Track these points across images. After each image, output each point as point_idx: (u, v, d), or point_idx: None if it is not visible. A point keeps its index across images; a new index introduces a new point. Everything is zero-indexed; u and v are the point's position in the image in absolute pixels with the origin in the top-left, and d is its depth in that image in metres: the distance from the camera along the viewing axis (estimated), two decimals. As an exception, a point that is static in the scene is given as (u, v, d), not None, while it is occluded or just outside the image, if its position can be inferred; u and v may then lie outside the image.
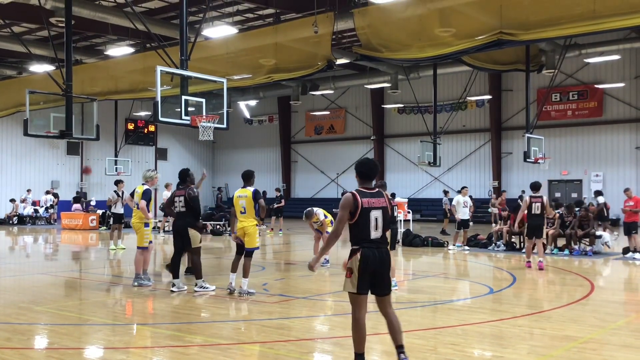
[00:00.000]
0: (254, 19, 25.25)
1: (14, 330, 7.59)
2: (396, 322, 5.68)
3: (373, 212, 5.58)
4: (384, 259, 5.60)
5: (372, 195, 5.65)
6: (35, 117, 16.98)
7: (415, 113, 35.19)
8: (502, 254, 17.15)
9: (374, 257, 5.54)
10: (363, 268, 5.51)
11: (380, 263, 5.57)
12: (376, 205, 5.62)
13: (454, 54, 18.12)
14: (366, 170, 5.77)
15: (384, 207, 5.66)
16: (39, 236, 25.56)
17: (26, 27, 25.74)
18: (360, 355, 5.59)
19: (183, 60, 12.75)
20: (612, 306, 9.05)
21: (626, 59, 30.11)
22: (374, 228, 5.58)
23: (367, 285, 5.57)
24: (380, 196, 5.68)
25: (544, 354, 6.57)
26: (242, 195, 9.85)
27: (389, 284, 5.70)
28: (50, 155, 37.96)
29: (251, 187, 9.92)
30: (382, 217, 5.62)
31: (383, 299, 5.68)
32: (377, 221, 5.59)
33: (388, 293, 5.69)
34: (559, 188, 33.03)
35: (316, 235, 14.25)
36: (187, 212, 10.40)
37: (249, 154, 44.47)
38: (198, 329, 7.93)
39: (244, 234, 9.83)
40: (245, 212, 9.80)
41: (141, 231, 11.10)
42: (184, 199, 10.39)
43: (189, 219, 10.42)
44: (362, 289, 5.56)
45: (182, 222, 10.42)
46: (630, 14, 14.43)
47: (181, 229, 10.42)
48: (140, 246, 11.08)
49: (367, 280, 5.55)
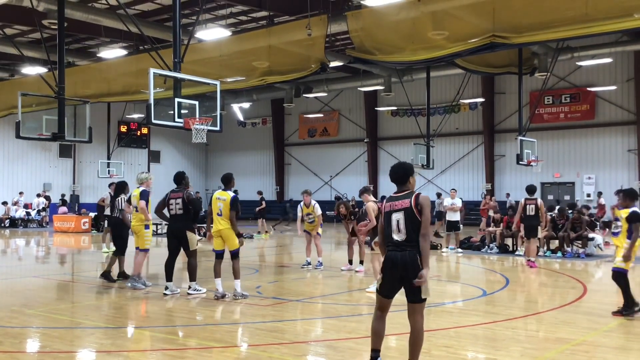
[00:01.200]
0: (247, 21, 25.25)
1: (6, 334, 7.55)
2: (418, 336, 5.50)
3: (394, 215, 5.52)
4: (406, 261, 5.39)
5: (396, 199, 5.59)
6: (28, 120, 16.89)
7: (409, 116, 35.27)
8: (495, 256, 17.19)
9: (396, 259, 5.43)
10: (385, 269, 5.52)
11: (403, 266, 5.40)
12: (398, 207, 5.52)
13: (447, 56, 18.17)
14: (391, 175, 5.75)
15: (405, 209, 5.48)
16: (31, 239, 25.43)
17: (19, 29, 25.65)
18: (374, 351, 5.58)
19: (176, 63, 12.72)
20: (604, 308, 9.08)
21: (618, 62, 30.26)
22: (396, 230, 5.49)
23: (389, 289, 5.54)
24: (405, 198, 5.53)
25: (536, 356, 6.59)
26: (221, 198, 9.82)
27: (417, 289, 5.40)
28: (43, 158, 37.82)
29: (231, 192, 9.93)
30: (404, 218, 5.45)
31: (411, 306, 5.50)
32: (399, 223, 5.48)
33: (415, 301, 5.45)
34: (552, 191, 33.14)
35: (307, 237, 14.28)
36: (185, 215, 10.36)
37: (242, 157, 44.43)
38: (192, 332, 7.91)
39: (220, 236, 9.83)
40: (221, 214, 9.77)
41: (142, 233, 11.10)
42: (181, 201, 10.34)
43: (187, 221, 10.40)
44: (383, 291, 5.57)
45: (180, 224, 10.38)
46: (622, 17, 14.50)
47: (178, 232, 10.38)
48: (142, 248, 11.08)
49: (390, 284, 5.51)
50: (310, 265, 14.04)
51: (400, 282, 5.48)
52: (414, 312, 5.49)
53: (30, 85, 24.08)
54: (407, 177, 5.69)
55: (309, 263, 14.10)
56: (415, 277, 5.36)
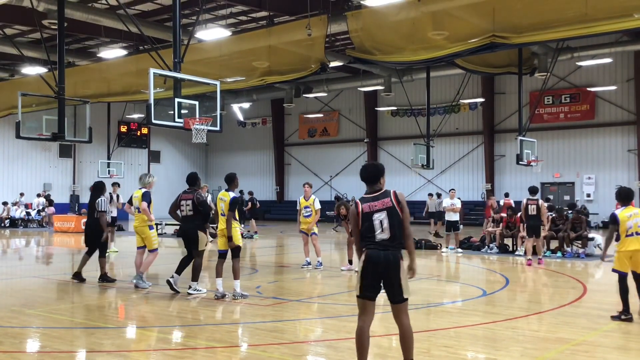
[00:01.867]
0: (247, 21, 25.25)
1: (6, 334, 7.56)
2: (408, 335, 5.48)
3: (376, 215, 5.48)
4: (389, 260, 5.39)
5: (374, 199, 5.55)
6: (28, 120, 16.89)
7: (409, 116, 35.27)
8: (495, 256, 17.19)
9: (378, 257, 5.39)
10: (365, 269, 5.43)
11: (386, 265, 5.38)
12: (379, 207, 5.50)
13: (447, 57, 18.17)
14: (365, 175, 5.71)
15: (388, 208, 5.48)
16: (31, 239, 25.43)
17: (18, 29, 25.65)
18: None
19: (176, 63, 12.71)
20: (604, 308, 9.08)
21: (618, 62, 30.25)
22: (380, 230, 5.46)
23: (372, 290, 5.44)
24: (384, 197, 5.53)
25: (536, 356, 6.59)
26: (223, 199, 9.94)
27: (399, 289, 5.41)
28: (43, 158, 37.81)
29: (232, 193, 9.99)
30: (388, 217, 5.45)
31: (396, 307, 5.48)
32: (383, 223, 5.46)
33: (399, 301, 5.45)
34: (552, 191, 33.14)
35: (304, 237, 14.29)
36: (195, 216, 10.42)
37: (242, 157, 44.43)
38: (192, 332, 7.91)
39: (224, 236, 9.86)
40: (225, 214, 9.87)
41: (147, 234, 11.15)
42: (192, 202, 10.40)
43: (197, 222, 10.46)
44: (366, 293, 5.45)
45: (191, 225, 10.43)
46: (622, 17, 14.50)
47: (190, 233, 10.47)
48: (151, 249, 11.13)
49: (371, 284, 5.42)
50: (310, 265, 14.04)
51: (379, 282, 5.44)
52: (399, 312, 5.49)
53: (30, 85, 24.07)
54: (380, 176, 5.70)
55: (309, 263, 14.10)
56: (395, 278, 5.40)
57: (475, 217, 30.76)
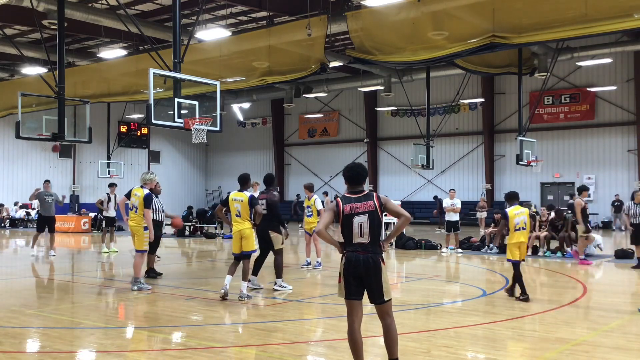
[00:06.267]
0: (247, 21, 25.26)
1: (6, 334, 7.55)
2: (392, 334, 5.49)
3: (357, 218, 5.41)
4: (369, 264, 5.37)
5: (357, 200, 5.48)
6: (28, 120, 16.92)
7: (409, 116, 35.30)
8: (495, 256, 17.19)
9: (357, 261, 5.38)
10: (346, 272, 5.44)
11: (365, 269, 5.37)
12: (360, 210, 5.42)
13: (446, 57, 18.17)
14: (352, 175, 5.62)
15: (370, 211, 5.41)
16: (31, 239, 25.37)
17: (18, 30, 25.65)
18: None
19: (176, 63, 12.72)
20: (604, 308, 9.08)
21: (618, 62, 30.27)
22: (358, 234, 5.41)
23: (355, 291, 5.44)
24: (367, 199, 5.47)
25: (536, 356, 6.59)
26: (238, 199, 9.93)
27: (379, 292, 5.42)
28: (43, 158, 37.81)
29: (247, 192, 10.04)
30: (369, 221, 5.40)
31: (379, 308, 5.49)
32: (362, 227, 5.40)
33: (381, 302, 5.45)
34: (552, 191, 33.16)
35: (306, 237, 14.31)
36: (268, 216, 10.51)
37: (242, 157, 44.43)
38: (192, 332, 7.90)
39: (241, 237, 9.87)
40: (240, 215, 9.90)
41: (140, 234, 10.97)
42: (266, 202, 10.56)
43: (268, 222, 10.55)
44: (350, 294, 5.45)
45: (264, 224, 10.49)
46: (622, 18, 14.51)
47: (262, 233, 10.64)
48: (139, 249, 10.98)
49: (354, 286, 5.43)
50: (310, 265, 14.05)
51: (361, 283, 5.43)
52: (383, 312, 5.50)
53: (30, 85, 24.09)
54: (365, 178, 5.69)
55: (309, 263, 14.10)
56: (376, 281, 5.40)
57: (475, 217, 30.74)
